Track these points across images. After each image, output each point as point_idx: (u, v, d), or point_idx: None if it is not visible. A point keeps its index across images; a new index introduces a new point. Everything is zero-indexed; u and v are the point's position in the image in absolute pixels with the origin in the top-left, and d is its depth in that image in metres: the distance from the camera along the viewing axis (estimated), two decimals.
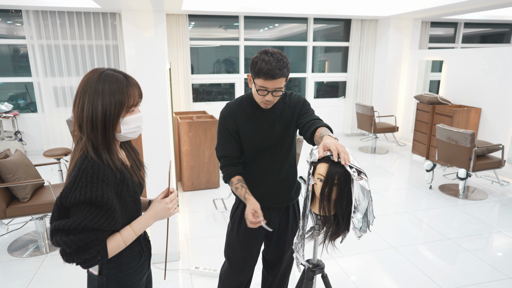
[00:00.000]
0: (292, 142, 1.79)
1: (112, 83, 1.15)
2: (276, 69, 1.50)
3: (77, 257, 1.10)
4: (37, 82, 5.82)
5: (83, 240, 1.08)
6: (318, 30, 7.14)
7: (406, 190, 4.58)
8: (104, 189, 1.11)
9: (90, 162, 1.12)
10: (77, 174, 1.10)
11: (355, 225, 1.29)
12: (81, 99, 1.14)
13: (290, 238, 1.89)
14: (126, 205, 1.20)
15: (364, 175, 1.27)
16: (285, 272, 2.01)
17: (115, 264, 1.25)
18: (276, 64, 1.50)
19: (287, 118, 1.73)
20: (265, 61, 1.50)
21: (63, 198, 1.08)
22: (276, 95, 1.59)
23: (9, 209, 2.85)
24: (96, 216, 1.09)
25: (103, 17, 5.83)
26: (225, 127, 1.73)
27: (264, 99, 1.60)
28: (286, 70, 1.55)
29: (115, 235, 1.18)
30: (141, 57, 2.46)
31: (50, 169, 5.02)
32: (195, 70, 6.68)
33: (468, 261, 2.94)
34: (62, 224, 1.07)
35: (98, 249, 1.11)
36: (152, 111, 2.56)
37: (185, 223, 3.63)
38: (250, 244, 1.84)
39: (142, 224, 1.24)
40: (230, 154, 1.75)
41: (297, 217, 1.91)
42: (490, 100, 5.08)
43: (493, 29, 7.92)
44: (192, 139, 4.36)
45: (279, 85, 1.55)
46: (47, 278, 2.70)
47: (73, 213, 1.09)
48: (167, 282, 2.66)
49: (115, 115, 1.16)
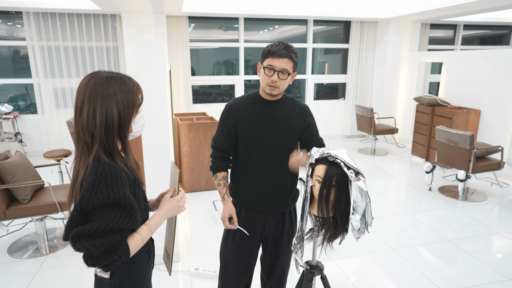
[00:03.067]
0: (292, 148, 1.76)
1: (121, 84, 1.16)
2: (285, 49, 1.59)
3: (105, 260, 1.09)
4: (37, 84, 5.83)
5: (111, 241, 1.08)
6: (317, 32, 7.15)
7: (406, 191, 4.58)
8: (124, 190, 1.13)
9: (106, 165, 1.12)
10: (95, 177, 1.10)
11: (354, 226, 1.29)
12: (91, 106, 1.12)
13: (286, 244, 1.87)
14: (139, 204, 1.23)
15: (362, 176, 1.28)
16: (281, 276, 1.98)
17: (127, 265, 1.26)
18: (284, 47, 1.60)
19: (291, 122, 1.73)
20: (275, 45, 1.62)
21: (83, 203, 1.08)
22: (282, 77, 1.61)
23: (9, 211, 2.85)
24: (121, 217, 1.11)
25: (103, 18, 5.85)
26: (224, 120, 1.76)
27: (270, 79, 1.62)
28: (294, 55, 1.62)
29: (134, 234, 1.19)
30: (141, 58, 2.47)
31: (50, 171, 5.03)
32: (195, 71, 6.69)
33: (468, 263, 2.95)
34: (87, 229, 1.06)
35: (123, 250, 1.13)
36: (152, 113, 2.57)
37: (185, 224, 3.63)
38: (246, 247, 1.83)
39: (156, 222, 1.27)
40: (222, 147, 1.78)
41: (294, 222, 1.89)
42: (490, 102, 5.09)
43: (493, 31, 7.94)
44: (192, 141, 4.37)
45: (285, 66, 1.59)
46: (47, 279, 2.70)
47: (96, 216, 1.09)
48: (166, 284, 2.66)
49: (129, 116, 1.19)
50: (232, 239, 1.83)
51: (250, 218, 1.80)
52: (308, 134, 1.78)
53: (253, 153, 1.74)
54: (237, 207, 1.83)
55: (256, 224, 1.81)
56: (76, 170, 1.18)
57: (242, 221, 1.80)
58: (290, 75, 1.64)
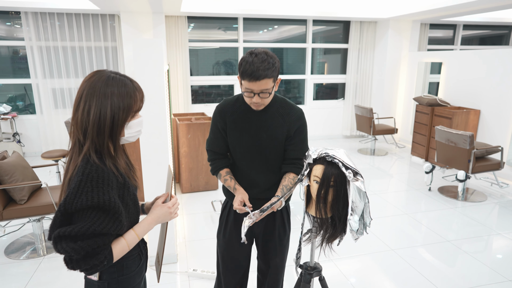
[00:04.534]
0: (279, 155, 1.72)
1: (121, 87, 1.14)
2: (259, 70, 1.45)
3: (84, 264, 1.07)
4: (35, 84, 5.82)
5: (91, 245, 1.05)
6: (317, 32, 7.14)
7: (405, 192, 4.56)
8: (110, 193, 1.10)
9: (94, 167, 1.10)
10: (81, 179, 1.07)
11: (352, 227, 1.27)
12: (87, 103, 1.11)
13: (277, 244, 1.84)
14: (128, 208, 1.20)
15: (360, 176, 1.26)
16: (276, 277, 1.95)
17: (116, 268, 1.24)
18: (259, 65, 1.45)
19: (277, 130, 1.67)
20: (249, 62, 1.46)
21: (67, 204, 1.05)
22: (264, 96, 1.54)
23: (6, 211, 2.83)
24: (104, 221, 1.08)
25: (102, 19, 5.84)
26: (215, 122, 1.75)
27: (251, 101, 1.57)
28: (272, 70, 1.48)
29: (119, 239, 1.17)
30: (139, 58, 2.46)
31: (48, 171, 5.01)
32: (194, 71, 6.67)
33: (468, 263, 2.93)
34: (69, 231, 1.03)
35: (105, 254, 1.10)
36: (150, 113, 2.55)
37: (183, 225, 3.61)
38: (234, 244, 1.83)
39: (144, 228, 1.24)
40: (217, 149, 1.77)
41: (286, 222, 1.85)
42: (489, 101, 5.08)
43: (492, 31, 7.93)
44: (190, 141, 4.35)
45: (264, 86, 1.50)
46: (44, 280, 2.68)
47: (79, 218, 1.07)
48: (165, 285, 2.64)
49: (123, 120, 1.16)
50: (223, 234, 1.84)
51: (238, 215, 1.79)
52: (289, 143, 1.69)
53: (241, 158, 1.72)
54: (229, 205, 1.83)
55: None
56: (67, 168, 1.16)
57: (231, 217, 1.80)
58: (273, 88, 1.56)
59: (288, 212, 1.88)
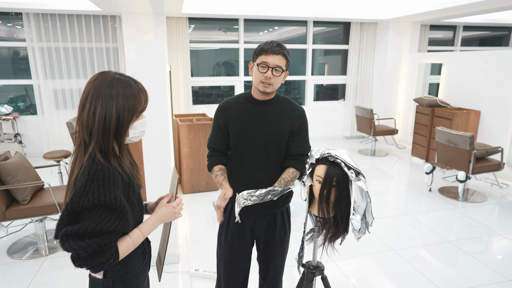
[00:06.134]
0: (281, 151, 1.74)
1: (126, 88, 1.17)
2: (277, 47, 1.61)
3: (91, 261, 1.09)
4: (37, 85, 5.83)
5: (99, 243, 1.07)
6: (317, 33, 7.16)
7: (406, 192, 4.58)
8: (116, 192, 1.12)
9: (100, 166, 1.12)
10: (87, 178, 1.09)
11: (354, 226, 1.29)
12: (93, 104, 1.14)
13: (278, 245, 1.85)
14: (133, 207, 1.22)
15: (362, 176, 1.27)
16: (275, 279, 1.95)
17: (120, 266, 1.25)
18: (277, 44, 1.63)
19: (280, 124, 1.71)
20: (268, 43, 1.64)
21: (74, 203, 1.07)
22: (276, 74, 1.62)
23: (9, 211, 2.85)
24: (111, 219, 1.10)
25: (103, 20, 5.85)
26: (216, 119, 1.78)
27: (264, 76, 1.62)
28: (287, 52, 1.64)
29: (125, 237, 1.19)
30: (141, 59, 2.47)
31: (50, 171, 5.03)
32: (194, 72, 6.69)
33: (468, 264, 2.94)
34: (76, 229, 1.05)
35: (111, 252, 1.12)
36: (152, 114, 2.57)
37: (185, 225, 3.62)
38: (236, 247, 1.83)
39: (149, 227, 1.26)
40: (217, 147, 1.80)
41: (287, 224, 1.86)
42: (489, 102, 5.09)
43: (492, 32, 7.95)
44: (191, 142, 4.37)
45: (279, 62, 1.61)
46: (46, 280, 2.70)
47: (86, 217, 1.08)
48: (167, 285, 2.66)
49: (128, 120, 1.19)
50: (225, 237, 1.84)
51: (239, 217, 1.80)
52: (292, 139, 1.74)
53: (242, 153, 1.74)
54: (229, 207, 1.83)
55: (246, 224, 1.80)
56: (72, 167, 1.18)
57: (232, 219, 1.81)
58: (284, 72, 1.65)
59: (288, 213, 1.89)
